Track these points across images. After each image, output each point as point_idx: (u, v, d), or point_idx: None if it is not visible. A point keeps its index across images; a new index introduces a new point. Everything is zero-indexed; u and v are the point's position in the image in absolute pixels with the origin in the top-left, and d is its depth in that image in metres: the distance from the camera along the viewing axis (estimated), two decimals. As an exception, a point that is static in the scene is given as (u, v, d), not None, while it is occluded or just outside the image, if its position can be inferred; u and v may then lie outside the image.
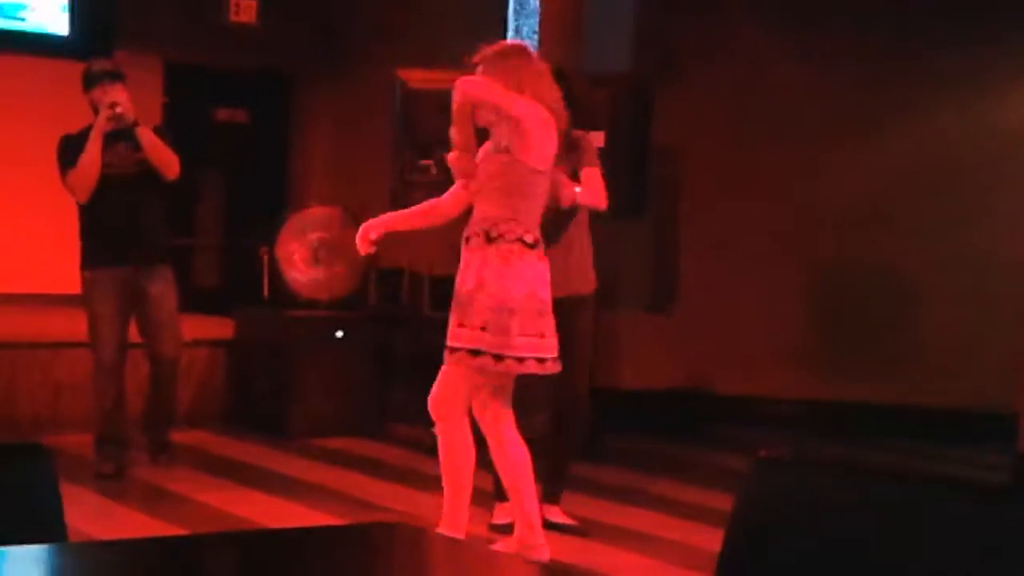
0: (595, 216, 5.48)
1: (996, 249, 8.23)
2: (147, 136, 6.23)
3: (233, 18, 9.61)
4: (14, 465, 2.21)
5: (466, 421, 4.92)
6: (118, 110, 6.14)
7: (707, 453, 7.56)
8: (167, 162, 6.24)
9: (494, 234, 4.71)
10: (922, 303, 8.46)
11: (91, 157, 6.14)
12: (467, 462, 4.94)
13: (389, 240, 5.07)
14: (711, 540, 2.33)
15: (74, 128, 6.34)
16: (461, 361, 4.74)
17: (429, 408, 4.91)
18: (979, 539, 2.03)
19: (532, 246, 4.73)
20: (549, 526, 5.32)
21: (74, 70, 6.62)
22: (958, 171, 8.37)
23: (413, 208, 5.24)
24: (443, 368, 4.84)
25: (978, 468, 7.33)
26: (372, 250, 5.02)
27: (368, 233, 4.98)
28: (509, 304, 4.66)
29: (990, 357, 8.07)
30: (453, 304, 4.80)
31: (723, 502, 4.52)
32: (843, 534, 2.12)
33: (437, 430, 4.94)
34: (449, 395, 4.85)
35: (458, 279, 4.81)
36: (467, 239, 4.79)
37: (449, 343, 4.77)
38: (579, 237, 5.49)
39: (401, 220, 5.21)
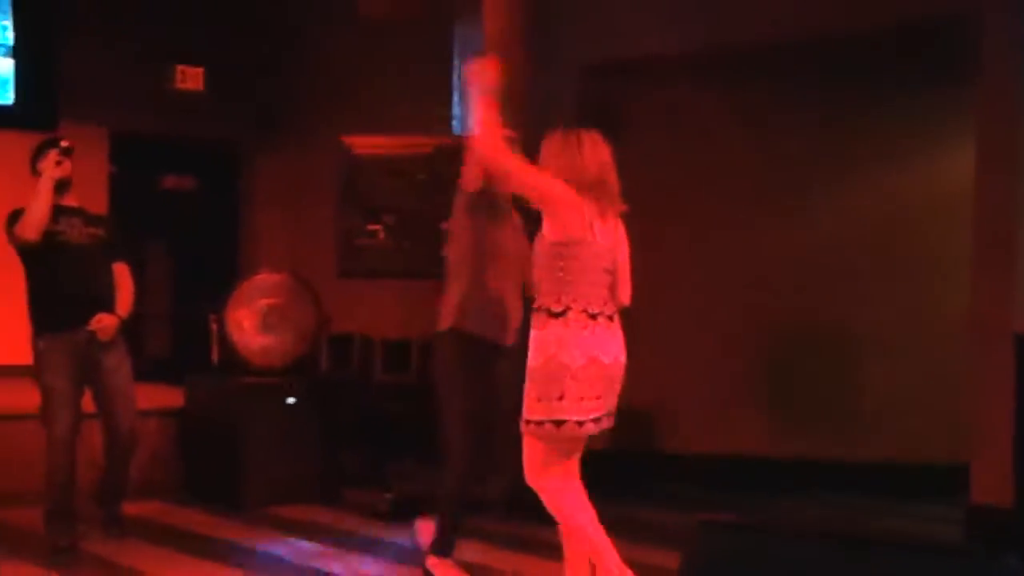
0: None
1: (936, 304, 8.35)
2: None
3: (179, 86, 9.63)
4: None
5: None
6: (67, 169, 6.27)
7: (650, 511, 7.53)
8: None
9: (534, 306, 4.95)
10: (866, 359, 8.55)
11: (44, 198, 6.16)
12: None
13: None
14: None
15: (21, 199, 6.35)
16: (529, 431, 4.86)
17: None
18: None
19: (557, 315, 4.89)
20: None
21: (18, 140, 6.61)
22: (899, 228, 8.49)
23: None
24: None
25: (928, 521, 7.40)
26: None
27: None
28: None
29: (935, 411, 8.17)
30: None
31: (668, 559, 4.53)
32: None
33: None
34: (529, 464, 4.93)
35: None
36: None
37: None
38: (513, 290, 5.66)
39: None
